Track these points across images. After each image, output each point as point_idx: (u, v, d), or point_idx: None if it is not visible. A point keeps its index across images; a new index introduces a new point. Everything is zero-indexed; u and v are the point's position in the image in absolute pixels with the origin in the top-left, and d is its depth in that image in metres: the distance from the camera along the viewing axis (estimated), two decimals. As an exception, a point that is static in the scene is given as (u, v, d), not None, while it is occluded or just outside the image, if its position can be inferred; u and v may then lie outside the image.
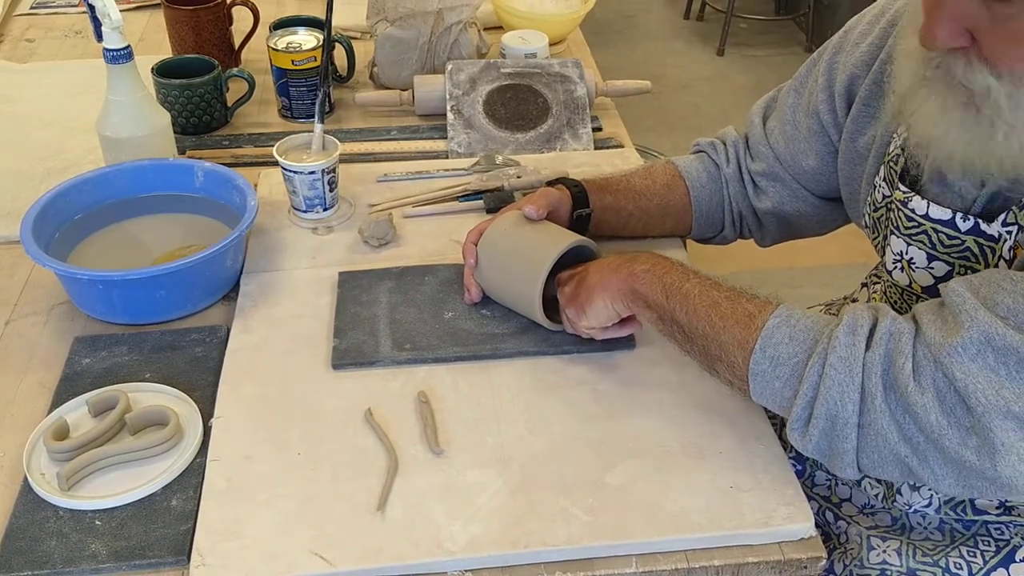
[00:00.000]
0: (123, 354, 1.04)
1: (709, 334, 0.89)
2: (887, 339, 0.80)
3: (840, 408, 0.81)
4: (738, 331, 0.87)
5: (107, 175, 1.18)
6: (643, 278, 0.94)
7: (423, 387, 0.99)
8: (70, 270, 1.04)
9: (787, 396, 0.85)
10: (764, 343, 0.85)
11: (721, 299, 0.90)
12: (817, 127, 1.10)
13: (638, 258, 0.97)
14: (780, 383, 0.85)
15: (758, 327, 0.86)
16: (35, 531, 0.85)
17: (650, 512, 0.86)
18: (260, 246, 1.19)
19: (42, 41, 1.76)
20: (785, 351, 0.84)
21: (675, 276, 0.93)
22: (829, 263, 2.54)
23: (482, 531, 0.84)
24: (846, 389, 0.80)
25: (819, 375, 0.82)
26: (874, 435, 0.80)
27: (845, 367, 0.80)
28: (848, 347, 0.81)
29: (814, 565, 0.86)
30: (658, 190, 1.18)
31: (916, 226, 0.94)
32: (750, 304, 0.88)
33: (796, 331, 0.84)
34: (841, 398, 0.81)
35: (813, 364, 0.82)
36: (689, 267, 0.95)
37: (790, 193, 1.15)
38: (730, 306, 0.89)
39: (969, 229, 0.90)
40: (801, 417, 0.84)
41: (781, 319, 0.85)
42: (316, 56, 1.45)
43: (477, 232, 1.08)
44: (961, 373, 0.76)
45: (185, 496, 0.88)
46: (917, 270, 0.96)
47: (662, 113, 3.39)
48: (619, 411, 0.97)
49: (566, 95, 1.46)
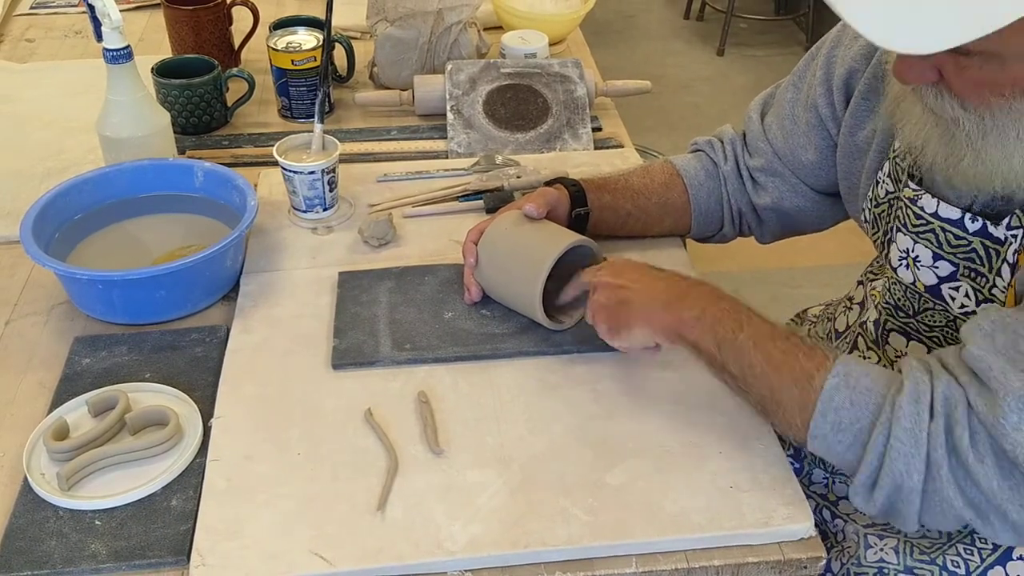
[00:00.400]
0: (123, 354, 1.04)
1: (765, 394, 0.87)
2: (944, 406, 0.80)
3: (906, 478, 0.80)
4: (796, 392, 0.85)
5: (107, 175, 1.18)
6: (693, 327, 0.91)
7: (423, 387, 0.99)
8: (70, 270, 1.04)
9: (849, 459, 0.84)
10: (824, 407, 0.83)
11: (776, 354, 0.86)
12: (816, 121, 1.10)
13: (687, 298, 0.92)
14: (842, 447, 0.84)
15: (816, 389, 0.83)
16: (35, 531, 0.85)
17: (650, 512, 0.86)
18: (260, 246, 1.19)
19: (42, 41, 1.76)
20: (846, 416, 0.83)
21: (727, 326, 0.89)
22: (829, 263, 2.55)
23: (482, 531, 0.84)
24: (912, 460, 0.80)
25: (884, 446, 0.81)
26: (939, 501, 0.80)
27: (911, 439, 0.79)
28: (912, 417, 0.80)
29: (814, 565, 0.86)
30: (656, 189, 1.18)
31: (924, 224, 0.94)
32: (807, 361, 0.85)
33: (856, 394, 0.83)
34: (907, 469, 0.80)
35: (878, 434, 0.81)
36: (745, 309, 0.90)
37: (789, 188, 1.15)
38: (786, 362, 0.86)
39: (977, 230, 0.90)
40: (866, 484, 0.83)
41: (840, 379, 0.83)
42: (316, 56, 1.45)
43: (477, 231, 1.08)
44: (1009, 445, 0.76)
45: (185, 496, 0.88)
46: (922, 268, 0.96)
47: (662, 113, 3.39)
48: (619, 411, 0.97)
49: (566, 95, 1.46)
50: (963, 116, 0.81)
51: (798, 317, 1.34)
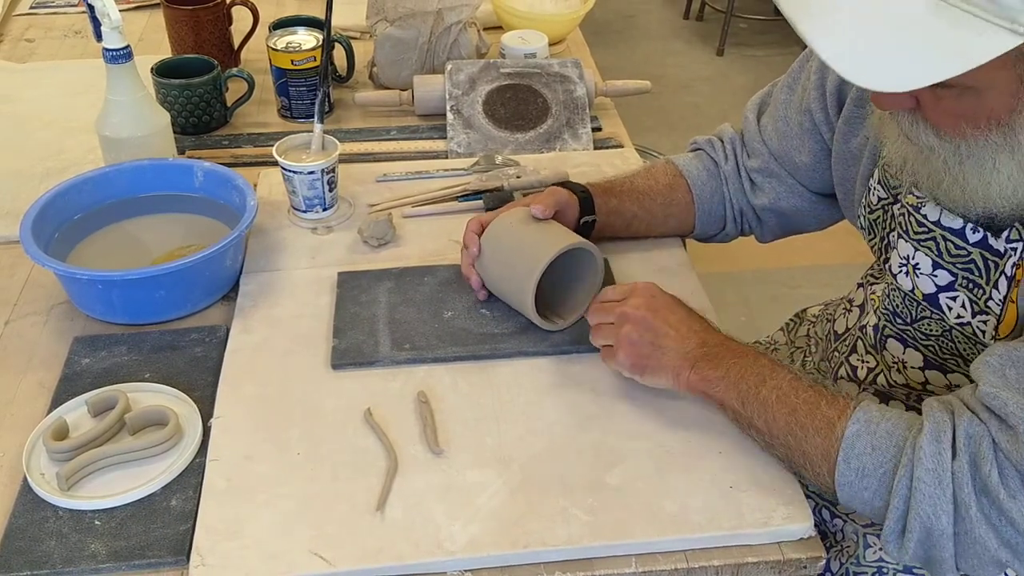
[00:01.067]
0: (123, 354, 1.04)
1: (791, 444, 0.87)
2: (968, 444, 0.79)
3: (935, 520, 0.79)
4: (819, 441, 0.85)
5: (107, 175, 1.18)
6: (717, 385, 0.91)
7: (423, 387, 0.99)
8: (70, 270, 1.04)
9: (877, 506, 0.83)
10: (847, 454, 0.83)
11: (799, 405, 0.86)
12: (809, 125, 1.10)
13: (714, 358, 0.92)
14: (869, 494, 0.83)
15: (838, 437, 0.84)
16: (35, 531, 0.84)
17: (650, 512, 0.86)
18: (260, 246, 1.19)
19: (42, 41, 1.76)
20: (869, 462, 0.82)
21: (751, 381, 0.89)
22: (828, 263, 2.55)
23: (482, 531, 0.84)
24: (938, 502, 0.78)
25: (908, 488, 0.80)
26: (972, 543, 0.79)
27: (935, 479, 0.78)
28: (934, 457, 0.79)
29: (813, 565, 0.86)
30: (661, 190, 1.18)
31: (926, 232, 0.94)
32: (829, 409, 0.85)
33: (877, 439, 0.82)
34: (934, 511, 0.79)
35: (901, 477, 0.80)
36: (768, 363, 0.90)
37: (786, 189, 1.15)
38: (808, 412, 0.86)
39: (977, 241, 0.90)
40: (895, 530, 0.82)
41: (860, 426, 0.83)
42: (316, 56, 1.45)
43: (477, 222, 1.09)
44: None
45: (185, 496, 0.88)
46: (921, 276, 0.96)
47: (662, 113, 3.39)
48: (619, 411, 0.97)
49: (566, 95, 1.46)
50: (938, 144, 0.82)
51: (797, 317, 1.34)
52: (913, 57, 0.69)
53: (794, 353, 1.30)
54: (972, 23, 0.67)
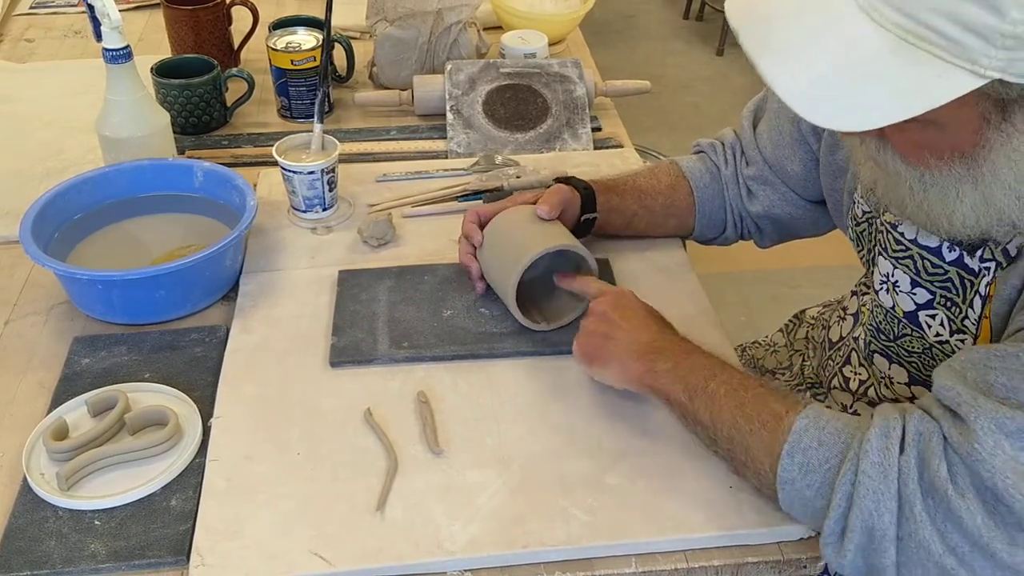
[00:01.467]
0: (122, 354, 1.04)
1: (735, 438, 0.84)
2: (917, 441, 0.75)
3: (876, 519, 0.75)
4: (764, 435, 0.82)
5: (106, 175, 1.18)
6: (664, 378, 0.90)
7: (422, 387, 0.99)
8: (69, 270, 1.04)
9: (819, 506, 0.79)
10: (792, 448, 0.80)
11: (748, 399, 0.84)
12: (798, 135, 1.10)
13: (664, 352, 0.91)
14: (811, 492, 0.79)
15: (785, 430, 0.80)
16: (34, 531, 0.84)
17: (650, 512, 0.86)
18: (259, 246, 1.19)
19: (41, 41, 1.76)
20: (815, 457, 0.79)
21: (699, 376, 0.88)
22: (828, 263, 2.54)
23: (482, 531, 0.84)
24: (882, 498, 0.74)
25: (852, 483, 0.76)
26: (915, 547, 0.74)
27: (879, 474, 0.75)
28: (881, 451, 0.75)
29: (813, 565, 0.86)
30: (663, 190, 1.18)
31: (904, 250, 0.94)
32: (778, 404, 0.83)
33: (825, 434, 0.79)
34: (877, 507, 0.74)
35: (845, 472, 0.76)
36: (718, 362, 0.89)
37: (779, 197, 1.15)
38: (756, 406, 0.83)
39: (954, 260, 0.90)
40: (835, 531, 0.77)
41: (809, 420, 0.80)
42: (315, 56, 1.45)
43: (475, 213, 1.09)
44: (987, 472, 0.71)
45: (184, 496, 0.88)
46: (900, 294, 0.96)
47: (662, 113, 3.39)
48: (618, 411, 0.97)
49: (565, 95, 1.46)
50: (904, 171, 0.81)
51: (796, 318, 1.34)
52: (872, 97, 0.69)
53: (792, 356, 1.30)
54: (932, 63, 0.67)
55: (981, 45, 0.66)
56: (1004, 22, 0.65)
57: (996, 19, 0.65)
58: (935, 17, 0.66)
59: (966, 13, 0.65)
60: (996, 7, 0.64)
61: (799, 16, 0.71)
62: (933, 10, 0.66)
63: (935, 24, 0.66)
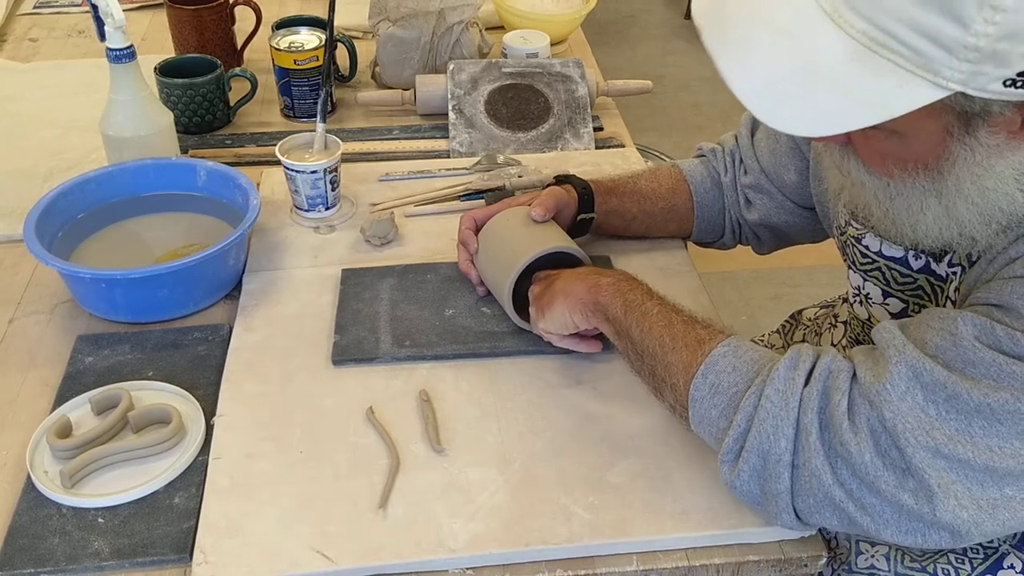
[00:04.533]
0: (126, 352, 1.04)
1: (658, 353, 0.88)
2: (825, 376, 0.78)
3: (773, 443, 0.77)
4: (685, 354, 0.85)
5: (110, 174, 1.19)
6: (606, 290, 0.93)
7: (424, 385, 0.99)
8: (73, 269, 1.04)
9: (722, 427, 0.82)
10: (707, 369, 0.83)
11: (677, 322, 0.88)
12: (793, 143, 1.10)
13: (606, 273, 0.96)
14: (716, 412, 0.82)
15: (705, 353, 0.84)
16: (38, 529, 0.85)
17: (651, 510, 0.87)
18: (262, 245, 1.19)
19: (45, 41, 1.77)
20: (726, 380, 0.82)
21: (637, 294, 0.92)
22: (828, 263, 2.54)
23: (483, 529, 0.85)
24: (780, 424, 0.77)
25: (754, 407, 0.79)
26: (808, 476, 0.76)
27: (781, 400, 0.77)
28: (786, 380, 0.78)
29: (814, 564, 0.86)
30: (663, 194, 1.18)
31: (871, 262, 0.94)
32: (703, 331, 0.86)
33: (741, 361, 0.82)
34: (775, 432, 0.77)
35: (750, 395, 0.79)
36: (656, 291, 0.94)
37: (776, 205, 1.15)
38: (683, 329, 0.87)
39: (921, 268, 0.90)
40: (732, 450, 0.80)
41: (729, 348, 0.83)
42: (318, 56, 1.45)
43: (471, 218, 1.10)
44: (890, 413, 0.73)
45: (187, 494, 0.88)
46: (874, 305, 0.96)
47: (662, 113, 3.39)
48: (620, 409, 0.97)
49: (567, 95, 1.46)
50: (867, 180, 0.81)
51: (793, 319, 1.34)
52: (831, 103, 0.67)
53: None
54: (894, 72, 0.66)
55: (944, 56, 0.65)
56: (967, 34, 0.63)
57: (960, 31, 0.64)
58: (899, 26, 0.65)
59: (930, 23, 0.64)
60: (960, 19, 0.63)
61: (762, 18, 0.70)
62: (897, 19, 0.65)
63: (899, 33, 0.65)
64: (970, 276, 0.84)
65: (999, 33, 0.63)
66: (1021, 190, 0.74)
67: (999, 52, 0.64)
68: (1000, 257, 0.79)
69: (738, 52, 0.70)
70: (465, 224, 1.10)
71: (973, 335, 0.74)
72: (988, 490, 0.72)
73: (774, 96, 0.69)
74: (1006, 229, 0.78)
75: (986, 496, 0.72)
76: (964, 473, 0.72)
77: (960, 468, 0.72)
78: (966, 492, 0.72)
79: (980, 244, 0.80)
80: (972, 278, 0.83)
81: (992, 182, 0.74)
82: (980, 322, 0.74)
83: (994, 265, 0.80)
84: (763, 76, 0.69)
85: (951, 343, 0.75)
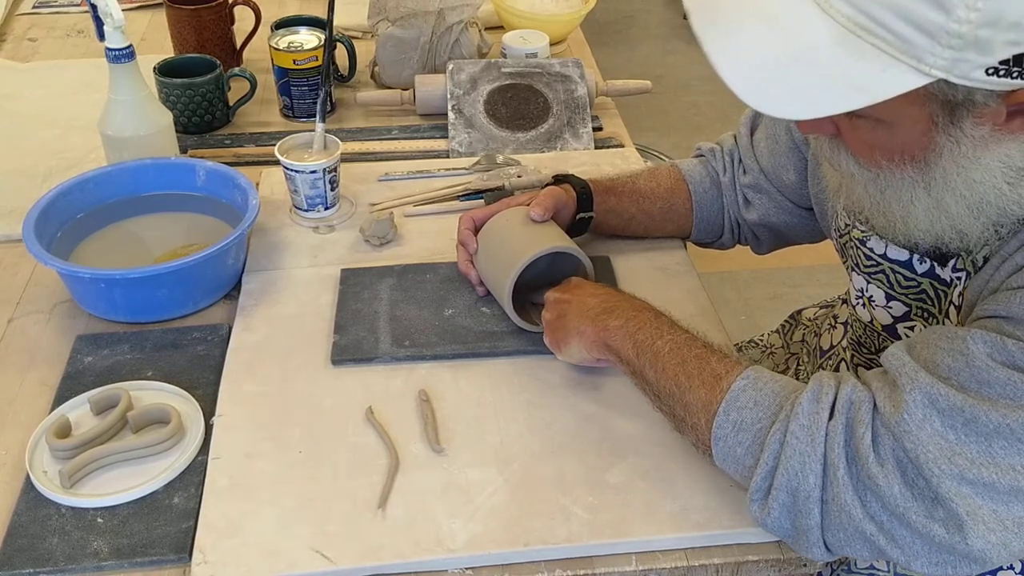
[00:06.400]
0: (125, 352, 1.04)
1: (675, 394, 0.86)
2: (847, 408, 0.77)
3: (801, 480, 0.76)
4: (703, 392, 0.84)
5: (109, 174, 1.19)
6: (616, 334, 0.92)
7: (424, 385, 0.99)
8: (72, 269, 1.04)
9: (748, 464, 0.81)
10: (728, 406, 0.81)
11: (691, 359, 0.86)
12: (792, 143, 1.09)
13: (616, 310, 0.94)
14: (742, 449, 0.81)
15: (723, 389, 0.82)
16: (37, 529, 0.85)
17: (650, 511, 0.87)
18: (261, 245, 1.19)
19: (44, 40, 1.77)
20: (749, 416, 0.80)
21: (648, 333, 0.90)
22: (828, 263, 2.54)
23: (482, 529, 0.85)
24: (808, 460, 0.76)
25: (780, 443, 0.77)
26: (838, 510, 0.75)
27: (807, 436, 0.76)
28: (811, 415, 0.77)
29: (813, 564, 0.86)
30: (662, 194, 1.18)
31: (875, 265, 0.94)
32: (719, 365, 0.84)
33: (762, 395, 0.81)
34: (803, 469, 0.76)
35: (775, 432, 0.78)
36: (668, 322, 0.92)
37: (775, 205, 1.14)
38: (698, 366, 0.85)
39: (925, 272, 0.90)
40: (761, 488, 0.79)
41: (748, 381, 0.82)
42: (318, 56, 1.45)
43: (470, 219, 1.09)
44: (911, 443, 0.72)
45: (187, 494, 0.88)
46: (877, 308, 0.96)
47: (662, 113, 3.39)
48: (619, 409, 0.97)
49: (567, 95, 1.46)
50: (857, 172, 0.81)
51: (792, 319, 1.34)
52: (814, 87, 0.68)
53: (789, 359, 1.30)
54: (878, 57, 0.66)
55: (927, 43, 0.65)
56: (950, 20, 0.64)
57: (943, 17, 0.64)
58: (883, 11, 0.65)
59: (914, 9, 0.64)
60: (943, 5, 0.64)
61: (749, 2, 0.70)
62: (882, 4, 0.65)
63: (883, 18, 0.65)
64: (975, 282, 0.83)
65: (981, 20, 0.63)
66: (1008, 183, 0.74)
67: (981, 39, 0.64)
68: (1007, 264, 0.79)
69: (725, 35, 0.70)
70: (464, 224, 1.10)
71: (986, 353, 0.73)
72: (1014, 509, 0.72)
73: (760, 79, 0.69)
74: (997, 225, 0.78)
75: (1011, 516, 0.72)
76: (990, 496, 0.72)
77: (986, 492, 0.72)
78: (992, 515, 0.72)
79: (971, 238, 0.80)
80: (977, 284, 0.83)
81: (979, 174, 0.74)
82: (990, 339, 0.74)
83: (1000, 272, 0.79)
84: (749, 60, 0.69)
85: (964, 363, 0.74)
